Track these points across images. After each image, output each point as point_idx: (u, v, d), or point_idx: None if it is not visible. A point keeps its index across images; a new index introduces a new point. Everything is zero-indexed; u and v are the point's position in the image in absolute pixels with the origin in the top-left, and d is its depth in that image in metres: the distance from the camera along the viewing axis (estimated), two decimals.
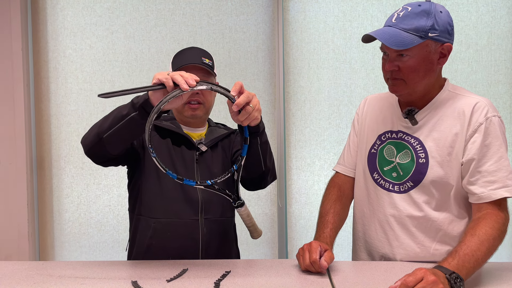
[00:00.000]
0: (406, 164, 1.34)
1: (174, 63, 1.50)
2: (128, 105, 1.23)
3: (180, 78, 1.15)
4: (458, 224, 1.32)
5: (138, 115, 1.20)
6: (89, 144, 1.30)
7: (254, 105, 1.21)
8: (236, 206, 1.33)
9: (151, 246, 1.44)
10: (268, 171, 1.44)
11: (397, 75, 1.29)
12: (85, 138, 1.33)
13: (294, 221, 2.69)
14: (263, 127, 1.34)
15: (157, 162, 1.20)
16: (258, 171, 1.41)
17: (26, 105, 2.57)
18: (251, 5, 2.63)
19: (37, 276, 1.22)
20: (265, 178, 1.46)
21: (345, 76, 2.63)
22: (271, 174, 1.48)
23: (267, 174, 1.45)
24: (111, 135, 1.25)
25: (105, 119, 1.28)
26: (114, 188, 2.65)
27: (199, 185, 1.28)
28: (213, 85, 1.19)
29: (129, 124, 1.22)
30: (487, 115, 1.26)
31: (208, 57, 1.52)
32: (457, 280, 1.06)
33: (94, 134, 1.29)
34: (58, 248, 2.69)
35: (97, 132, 1.27)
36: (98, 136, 1.27)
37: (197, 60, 1.47)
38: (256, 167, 1.40)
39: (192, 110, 1.49)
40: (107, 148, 1.29)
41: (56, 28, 2.62)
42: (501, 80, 2.58)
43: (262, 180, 1.47)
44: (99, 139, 1.27)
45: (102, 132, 1.26)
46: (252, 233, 1.39)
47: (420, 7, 1.26)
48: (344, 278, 1.21)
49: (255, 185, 1.50)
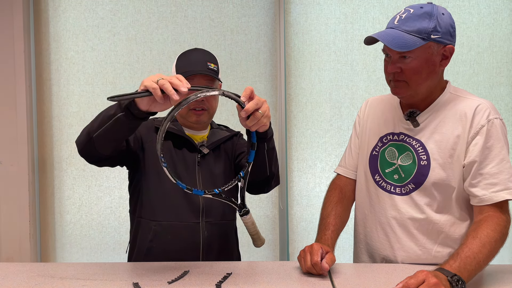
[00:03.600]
0: (408, 166, 1.34)
1: (178, 67, 1.47)
2: (115, 105, 1.20)
3: (170, 88, 1.07)
4: (459, 227, 1.32)
5: (124, 116, 1.17)
6: (81, 144, 1.30)
7: (264, 111, 1.17)
8: (242, 214, 1.31)
9: (151, 248, 1.44)
10: (272, 176, 1.44)
11: (400, 77, 1.29)
12: (78, 138, 1.32)
13: (295, 223, 2.69)
14: (272, 133, 1.33)
15: (167, 173, 1.17)
16: (262, 176, 1.40)
17: (28, 106, 2.58)
18: (252, 7, 2.63)
19: (38, 277, 1.22)
20: (269, 183, 1.46)
21: (346, 78, 2.63)
22: (275, 179, 1.47)
23: (271, 179, 1.45)
24: (99, 135, 1.23)
25: (96, 118, 1.27)
26: (116, 190, 2.65)
27: (207, 195, 1.26)
28: (224, 90, 1.15)
29: (116, 124, 1.19)
30: (488, 117, 1.26)
31: (213, 61, 1.49)
32: (458, 282, 1.06)
33: (85, 133, 1.28)
34: (60, 250, 2.69)
35: (88, 131, 1.26)
36: (88, 135, 1.26)
37: (203, 67, 1.44)
38: (261, 172, 1.39)
39: (197, 116, 1.47)
40: (96, 148, 1.28)
41: (58, 30, 2.63)
42: (503, 82, 2.58)
43: (266, 185, 1.47)
44: (90, 138, 1.25)
45: (92, 132, 1.25)
46: (255, 241, 1.36)
47: (422, 9, 1.26)
48: (346, 280, 1.21)
49: (258, 189, 1.49)
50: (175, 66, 1.49)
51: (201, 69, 1.43)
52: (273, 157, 1.39)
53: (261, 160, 1.35)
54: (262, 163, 1.36)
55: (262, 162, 1.36)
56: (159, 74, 1.12)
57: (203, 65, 1.44)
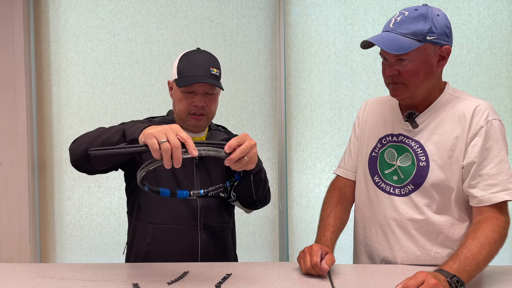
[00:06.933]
0: (407, 167, 1.34)
1: (180, 69, 1.45)
2: (119, 134, 1.20)
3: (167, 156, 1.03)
4: (459, 227, 1.32)
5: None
6: (76, 157, 1.30)
7: (250, 157, 1.15)
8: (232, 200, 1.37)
9: (149, 252, 1.43)
10: (259, 201, 1.48)
11: (398, 79, 1.30)
12: (73, 148, 1.32)
13: (295, 224, 2.69)
14: (259, 168, 1.36)
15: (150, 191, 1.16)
16: (249, 198, 1.45)
17: (28, 107, 2.58)
18: (252, 8, 2.64)
19: (38, 278, 1.22)
20: (256, 204, 1.51)
21: (346, 79, 2.64)
22: (262, 203, 1.52)
23: (258, 202, 1.50)
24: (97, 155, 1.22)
25: (95, 137, 1.25)
26: (115, 191, 2.65)
27: (192, 197, 1.24)
28: (204, 149, 1.08)
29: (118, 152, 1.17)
30: (487, 118, 1.27)
31: (216, 66, 1.47)
32: (458, 283, 1.06)
33: (82, 149, 1.27)
34: (59, 251, 2.69)
35: (86, 148, 1.25)
36: (85, 152, 1.24)
37: (205, 73, 1.41)
38: (247, 195, 1.44)
39: (196, 121, 1.46)
40: (92, 165, 1.29)
41: (58, 31, 2.63)
42: (502, 83, 2.58)
43: (252, 205, 1.51)
44: (86, 156, 1.25)
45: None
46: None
47: (417, 11, 1.26)
48: (345, 281, 1.21)
49: (244, 205, 1.52)
50: (177, 66, 1.46)
51: (203, 75, 1.41)
52: (261, 185, 1.43)
53: (247, 186, 1.39)
54: (248, 189, 1.40)
55: (248, 187, 1.40)
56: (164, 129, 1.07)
57: (205, 71, 1.42)
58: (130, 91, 2.64)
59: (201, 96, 1.44)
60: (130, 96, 2.64)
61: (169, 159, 1.04)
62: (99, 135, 1.26)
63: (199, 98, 1.43)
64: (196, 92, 1.43)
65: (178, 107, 1.46)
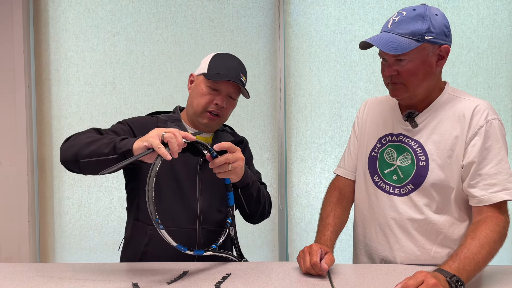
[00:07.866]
0: (407, 167, 1.34)
1: (213, 66, 1.46)
2: (111, 146, 1.20)
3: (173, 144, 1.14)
4: (458, 227, 1.32)
5: (116, 159, 1.18)
6: (65, 158, 1.30)
7: (234, 167, 1.28)
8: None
9: (146, 253, 1.43)
10: (254, 215, 1.52)
11: (397, 79, 1.30)
12: (65, 150, 1.31)
13: (294, 223, 2.69)
14: (245, 183, 1.40)
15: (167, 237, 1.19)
16: (241, 211, 1.51)
17: (28, 106, 2.58)
18: (252, 7, 2.63)
19: (37, 278, 1.22)
20: (251, 218, 1.55)
21: (346, 78, 2.64)
22: (259, 217, 1.55)
23: (253, 217, 1.53)
24: (87, 163, 1.24)
25: (87, 144, 1.26)
26: (115, 190, 2.65)
27: (207, 252, 1.32)
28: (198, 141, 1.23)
29: (107, 163, 1.19)
30: (487, 118, 1.27)
31: (245, 74, 1.50)
32: (457, 283, 1.06)
33: (73, 153, 1.27)
34: (59, 250, 2.69)
35: (76, 153, 1.26)
36: (76, 157, 1.25)
37: (236, 77, 1.45)
38: (239, 208, 1.50)
39: (209, 120, 1.46)
40: (81, 170, 1.29)
41: (58, 30, 2.63)
42: (502, 83, 2.58)
43: (248, 219, 1.56)
44: (76, 161, 1.26)
45: (80, 156, 1.25)
46: None
47: (415, 11, 1.26)
48: (345, 281, 1.21)
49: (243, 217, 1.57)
50: (209, 62, 1.48)
51: (234, 77, 1.44)
52: (253, 201, 1.46)
53: (237, 200, 1.45)
54: (239, 203, 1.46)
55: (238, 201, 1.46)
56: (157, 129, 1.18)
57: (236, 74, 1.45)
58: (130, 90, 2.64)
59: (224, 96, 1.46)
60: (130, 96, 2.64)
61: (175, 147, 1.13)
62: (90, 143, 1.26)
63: (222, 98, 1.45)
64: (221, 91, 1.45)
65: (198, 101, 1.46)
